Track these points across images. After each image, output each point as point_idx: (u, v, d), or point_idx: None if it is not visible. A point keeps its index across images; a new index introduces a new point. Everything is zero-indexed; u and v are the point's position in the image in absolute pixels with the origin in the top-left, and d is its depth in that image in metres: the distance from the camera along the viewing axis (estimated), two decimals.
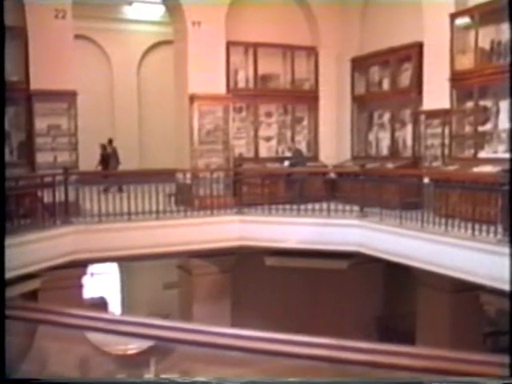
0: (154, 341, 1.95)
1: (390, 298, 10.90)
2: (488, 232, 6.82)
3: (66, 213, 8.69)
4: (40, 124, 9.54)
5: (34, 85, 9.38)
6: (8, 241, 7.20)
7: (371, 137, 11.38)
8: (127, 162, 14.58)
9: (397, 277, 10.24)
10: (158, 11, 15.13)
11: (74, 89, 9.67)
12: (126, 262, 13.15)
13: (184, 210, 9.55)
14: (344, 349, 1.73)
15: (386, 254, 8.43)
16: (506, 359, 1.56)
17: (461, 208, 7.57)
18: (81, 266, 9.07)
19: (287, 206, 9.53)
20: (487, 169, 7.90)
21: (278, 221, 9.48)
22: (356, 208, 9.22)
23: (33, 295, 8.32)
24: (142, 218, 9.10)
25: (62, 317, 2.02)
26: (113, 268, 14.96)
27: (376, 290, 11.04)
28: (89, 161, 12.16)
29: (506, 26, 8.19)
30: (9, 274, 6.99)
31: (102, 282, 14.89)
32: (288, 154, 11.48)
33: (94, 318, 1.97)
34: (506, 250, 6.20)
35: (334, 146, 11.94)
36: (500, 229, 6.66)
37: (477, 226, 6.97)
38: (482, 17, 8.43)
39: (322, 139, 12.03)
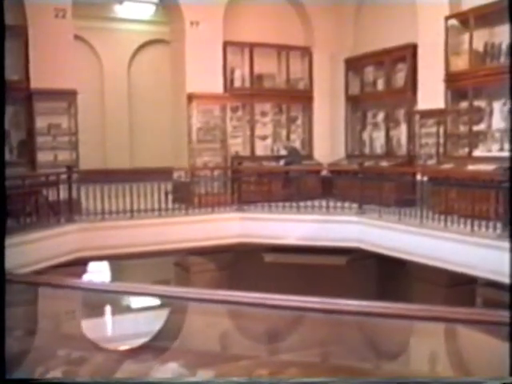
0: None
1: (386, 293, 11.16)
2: (487, 227, 7.11)
3: (70, 211, 8.77)
4: (40, 123, 9.57)
5: (35, 84, 9.40)
6: (14, 239, 7.30)
7: (365, 136, 11.64)
8: (118, 161, 14.62)
9: (392, 272, 10.48)
10: (149, 10, 15.16)
11: (73, 88, 9.72)
12: (118, 261, 13.20)
13: (185, 208, 9.68)
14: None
15: (385, 250, 8.69)
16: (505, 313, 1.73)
17: (459, 205, 7.85)
18: (83, 264, 9.15)
19: (286, 204, 9.75)
20: (483, 167, 8.19)
21: (277, 218, 9.68)
22: (354, 205, 9.48)
23: None
24: (144, 215, 9.23)
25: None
26: (104, 266, 14.96)
27: (371, 286, 11.28)
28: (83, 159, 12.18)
29: (499, 29, 8.51)
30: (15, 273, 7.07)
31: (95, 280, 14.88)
32: (284, 153, 11.71)
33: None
34: (506, 244, 6.50)
35: (328, 145, 12.18)
36: (499, 224, 6.95)
37: (476, 222, 7.26)
38: (476, 20, 8.71)
39: (316, 138, 12.25)
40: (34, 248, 7.87)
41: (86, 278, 9.56)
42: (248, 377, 1.91)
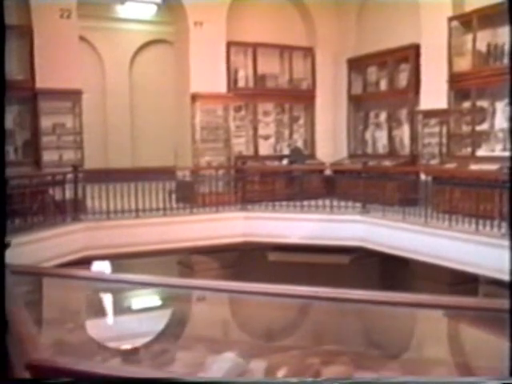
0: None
1: (389, 291, 11.24)
2: (492, 227, 7.18)
3: (76, 210, 8.82)
4: (45, 122, 9.60)
5: (39, 83, 9.42)
6: (21, 238, 7.34)
7: (368, 135, 11.69)
8: (120, 161, 14.64)
9: (395, 271, 10.56)
10: (151, 10, 15.18)
11: (78, 87, 9.76)
12: (122, 260, 13.23)
13: (189, 208, 9.73)
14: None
15: (389, 249, 8.75)
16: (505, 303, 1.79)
17: (463, 204, 7.91)
18: (88, 263, 9.19)
19: (290, 203, 9.82)
20: (486, 166, 8.26)
21: (281, 217, 9.74)
22: (357, 204, 9.54)
23: None
24: (148, 215, 9.29)
25: None
26: (107, 265, 14.95)
27: (374, 284, 11.34)
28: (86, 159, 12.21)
29: (501, 30, 8.57)
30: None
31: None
32: (287, 152, 11.78)
33: None
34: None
35: (330, 145, 12.24)
36: (504, 223, 7.02)
37: (480, 221, 7.33)
38: (479, 21, 8.78)
39: (319, 138, 12.31)
40: (40, 247, 7.91)
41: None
42: (300, 366, 1.97)
